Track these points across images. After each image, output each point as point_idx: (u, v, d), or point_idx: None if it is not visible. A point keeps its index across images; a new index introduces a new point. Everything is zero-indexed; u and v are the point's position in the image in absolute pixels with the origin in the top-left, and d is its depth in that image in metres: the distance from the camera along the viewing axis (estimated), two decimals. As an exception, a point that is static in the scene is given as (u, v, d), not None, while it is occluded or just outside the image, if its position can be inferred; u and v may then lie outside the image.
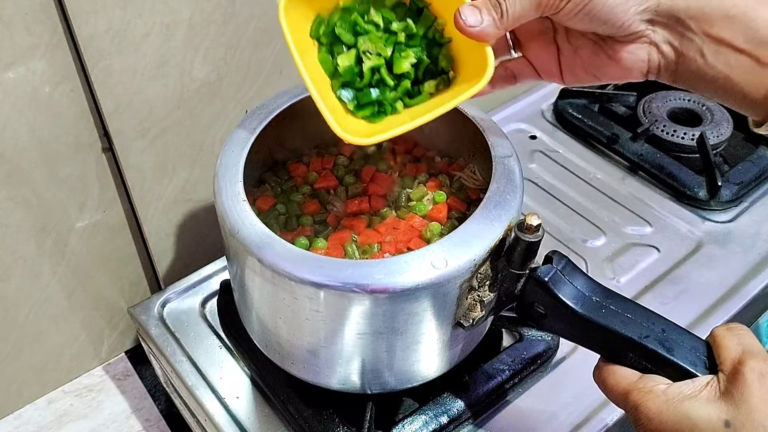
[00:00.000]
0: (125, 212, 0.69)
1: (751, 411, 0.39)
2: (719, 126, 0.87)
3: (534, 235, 0.46)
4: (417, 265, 0.47)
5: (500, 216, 0.50)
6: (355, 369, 0.54)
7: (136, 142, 0.64)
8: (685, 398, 0.42)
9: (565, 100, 0.93)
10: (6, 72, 0.54)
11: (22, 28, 0.53)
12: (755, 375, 0.40)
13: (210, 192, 0.72)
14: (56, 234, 0.65)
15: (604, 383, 0.46)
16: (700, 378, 0.43)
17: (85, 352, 0.75)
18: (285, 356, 0.56)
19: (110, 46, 0.57)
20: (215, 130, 0.69)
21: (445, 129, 0.64)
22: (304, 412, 0.59)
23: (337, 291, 0.47)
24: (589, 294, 0.48)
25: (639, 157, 0.85)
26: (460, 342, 0.55)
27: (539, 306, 0.49)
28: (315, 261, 0.48)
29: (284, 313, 0.51)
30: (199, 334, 0.67)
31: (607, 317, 0.47)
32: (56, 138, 0.60)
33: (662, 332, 0.45)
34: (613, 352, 0.47)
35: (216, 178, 0.53)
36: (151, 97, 0.62)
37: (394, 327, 0.50)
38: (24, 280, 0.65)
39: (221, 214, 0.51)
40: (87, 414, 0.72)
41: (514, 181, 0.53)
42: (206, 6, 0.61)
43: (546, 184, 0.84)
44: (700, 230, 0.79)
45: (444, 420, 0.59)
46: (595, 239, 0.78)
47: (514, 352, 0.64)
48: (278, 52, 0.68)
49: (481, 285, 0.49)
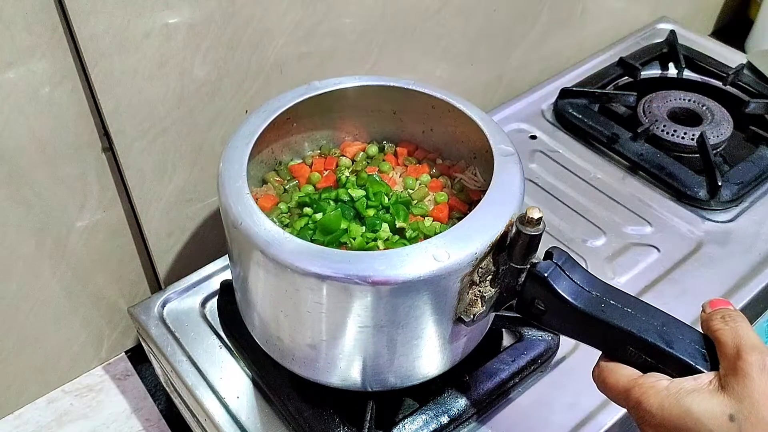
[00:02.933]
0: (125, 212, 0.69)
1: (754, 404, 0.39)
2: (719, 126, 0.87)
3: (535, 229, 0.46)
4: (419, 258, 0.47)
5: (502, 210, 0.50)
6: (355, 365, 0.54)
7: (136, 142, 0.64)
8: (687, 393, 0.42)
9: (565, 100, 0.93)
10: (6, 72, 0.54)
11: (22, 28, 0.53)
12: (756, 369, 0.40)
13: (210, 192, 0.72)
14: (56, 234, 0.65)
15: (604, 382, 0.46)
16: (701, 375, 0.43)
17: (85, 351, 0.75)
18: (286, 352, 0.56)
19: (110, 46, 0.57)
20: (215, 130, 0.69)
21: (446, 130, 0.64)
22: (305, 412, 0.59)
23: (339, 282, 0.47)
24: (588, 289, 0.48)
25: (639, 157, 0.85)
26: (461, 339, 0.55)
27: (539, 302, 0.49)
28: (317, 252, 0.48)
29: (286, 306, 0.51)
30: (200, 333, 0.67)
31: (607, 312, 0.47)
32: (56, 138, 0.60)
33: (662, 326, 0.45)
34: (613, 346, 0.47)
35: (220, 173, 0.54)
36: (152, 96, 0.62)
37: (395, 320, 0.50)
38: (24, 279, 0.65)
39: (225, 207, 0.52)
40: (87, 414, 0.72)
41: (516, 177, 0.53)
42: (206, 6, 0.61)
43: (546, 184, 0.84)
44: (700, 230, 0.79)
45: (444, 420, 0.59)
46: (595, 239, 0.78)
47: (515, 352, 0.64)
48: (278, 52, 0.68)
49: (483, 280, 0.50)
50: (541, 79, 1.00)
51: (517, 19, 0.91)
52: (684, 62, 0.98)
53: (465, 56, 0.89)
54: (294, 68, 0.70)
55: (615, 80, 0.97)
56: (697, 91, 0.93)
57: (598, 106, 0.93)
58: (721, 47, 1.04)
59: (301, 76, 0.71)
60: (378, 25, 0.75)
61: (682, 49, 1.00)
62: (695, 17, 1.21)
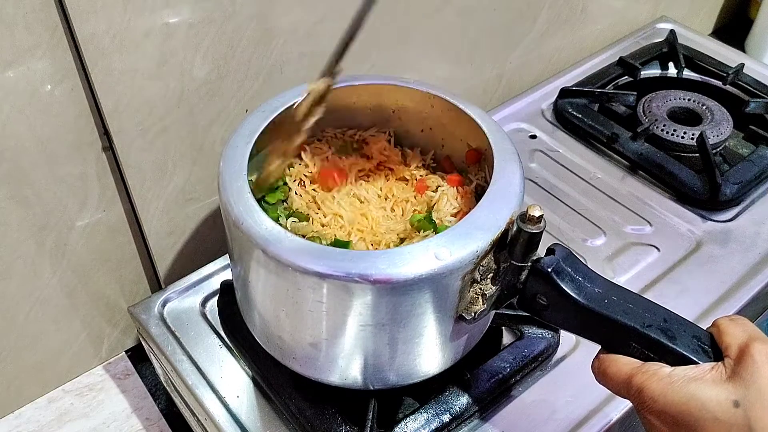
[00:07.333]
0: (125, 211, 0.69)
1: (761, 392, 0.39)
2: (719, 125, 0.87)
3: (536, 226, 0.46)
4: (420, 256, 0.47)
5: (502, 209, 0.50)
6: (356, 363, 0.54)
7: (136, 141, 0.64)
8: (690, 380, 0.42)
9: (565, 99, 0.93)
10: (6, 71, 0.54)
11: (22, 28, 0.53)
12: (764, 357, 0.40)
13: (210, 191, 0.72)
14: (56, 233, 0.65)
15: (605, 372, 0.46)
16: (702, 364, 0.43)
17: (86, 351, 0.75)
18: (286, 351, 0.56)
19: (110, 45, 0.57)
20: (215, 130, 0.69)
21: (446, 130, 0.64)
22: (306, 411, 0.59)
23: (340, 281, 0.47)
24: (590, 285, 0.48)
25: (639, 157, 0.85)
26: (462, 337, 0.55)
27: (541, 298, 0.49)
28: (318, 251, 0.48)
29: (287, 305, 0.51)
30: (200, 333, 0.67)
31: (609, 307, 0.47)
32: (56, 137, 0.60)
33: (664, 321, 0.46)
34: (615, 342, 0.47)
35: (220, 173, 0.53)
36: (152, 96, 0.62)
37: (396, 319, 0.50)
38: (24, 279, 0.65)
39: (225, 206, 0.51)
40: (87, 413, 0.72)
41: (516, 176, 0.53)
42: (206, 6, 0.61)
43: (546, 183, 0.84)
44: (700, 230, 0.79)
45: (446, 418, 0.59)
46: (595, 239, 0.78)
47: (515, 350, 0.64)
48: (278, 51, 0.68)
49: (484, 278, 0.50)
50: (541, 79, 1.00)
51: (517, 18, 0.91)
52: (684, 62, 0.98)
53: (465, 55, 0.89)
54: (294, 68, 0.70)
55: (615, 80, 0.98)
56: (696, 91, 0.93)
57: (597, 106, 0.93)
58: (720, 47, 1.04)
59: (301, 75, 0.71)
60: (378, 24, 0.75)
61: (682, 48, 1.00)
62: (695, 17, 1.22)
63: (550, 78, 1.00)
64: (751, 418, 0.39)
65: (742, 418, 0.39)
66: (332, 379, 0.56)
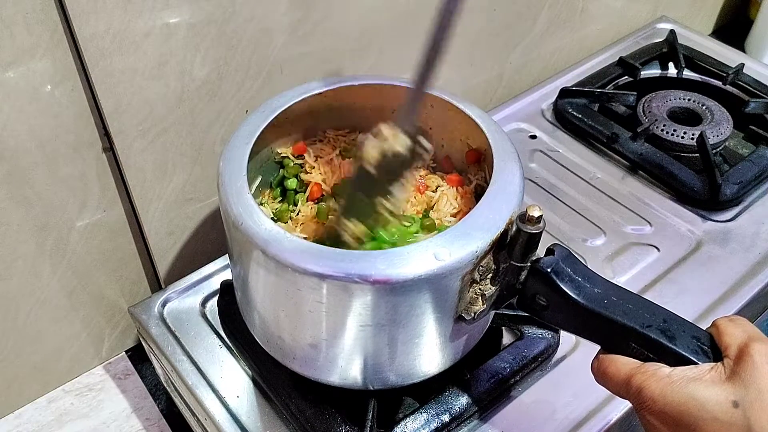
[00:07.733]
0: (126, 212, 0.69)
1: (760, 392, 0.39)
2: (719, 125, 0.87)
3: (535, 227, 0.47)
4: (420, 257, 0.47)
5: (502, 209, 0.50)
6: (356, 363, 0.54)
7: (136, 142, 0.64)
8: (689, 380, 0.42)
9: (565, 99, 0.93)
10: (6, 72, 0.54)
11: (23, 28, 0.53)
12: (763, 357, 0.40)
13: (210, 191, 0.72)
14: (56, 233, 0.65)
15: (604, 372, 0.46)
16: (701, 365, 0.43)
17: (86, 351, 0.75)
18: (286, 352, 0.56)
19: (110, 45, 0.57)
20: (215, 130, 0.69)
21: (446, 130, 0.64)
22: (306, 411, 0.59)
23: (339, 282, 0.47)
24: (590, 285, 0.48)
25: (639, 157, 0.85)
26: (462, 337, 0.55)
27: (541, 298, 0.49)
28: (318, 252, 0.48)
29: (286, 305, 0.52)
30: (200, 333, 0.67)
31: (609, 308, 0.47)
32: (56, 137, 0.60)
33: (663, 322, 0.46)
34: (614, 342, 0.47)
35: (220, 173, 0.54)
36: (152, 96, 0.62)
37: (396, 319, 0.50)
38: (24, 279, 0.65)
39: (225, 206, 0.52)
40: (87, 413, 0.72)
41: (515, 176, 0.53)
42: (206, 6, 0.61)
43: (546, 183, 0.84)
44: (700, 230, 0.79)
45: (446, 418, 0.59)
46: (595, 239, 0.78)
47: (515, 350, 0.64)
48: (278, 51, 0.68)
49: (483, 278, 0.50)
50: (541, 79, 1.00)
51: (517, 18, 0.91)
52: (684, 62, 0.98)
53: (465, 56, 0.89)
54: (294, 68, 0.70)
55: (615, 80, 0.98)
56: (696, 91, 0.93)
57: (597, 106, 0.93)
58: (720, 47, 1.04)
59: (301, 76, 0.71)
60: (378, 24, 0.75)
61: (682, 48, 1.00)
62: (695, 17, 1.22)
63: (550, 78, 1.00)
64: (751, 419, 0.39)
65: (741, 418, 0.39)
66: (332, 380, 0.56)
